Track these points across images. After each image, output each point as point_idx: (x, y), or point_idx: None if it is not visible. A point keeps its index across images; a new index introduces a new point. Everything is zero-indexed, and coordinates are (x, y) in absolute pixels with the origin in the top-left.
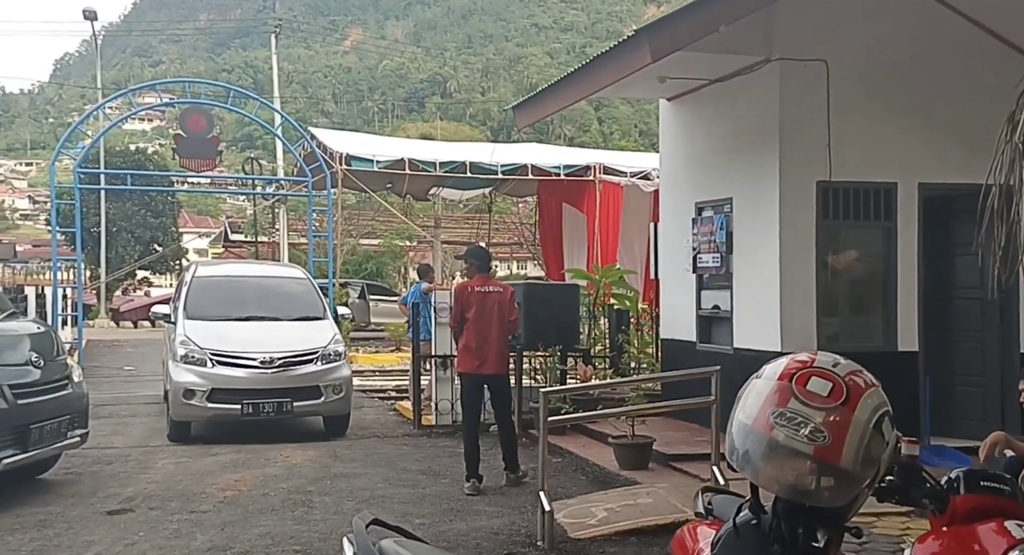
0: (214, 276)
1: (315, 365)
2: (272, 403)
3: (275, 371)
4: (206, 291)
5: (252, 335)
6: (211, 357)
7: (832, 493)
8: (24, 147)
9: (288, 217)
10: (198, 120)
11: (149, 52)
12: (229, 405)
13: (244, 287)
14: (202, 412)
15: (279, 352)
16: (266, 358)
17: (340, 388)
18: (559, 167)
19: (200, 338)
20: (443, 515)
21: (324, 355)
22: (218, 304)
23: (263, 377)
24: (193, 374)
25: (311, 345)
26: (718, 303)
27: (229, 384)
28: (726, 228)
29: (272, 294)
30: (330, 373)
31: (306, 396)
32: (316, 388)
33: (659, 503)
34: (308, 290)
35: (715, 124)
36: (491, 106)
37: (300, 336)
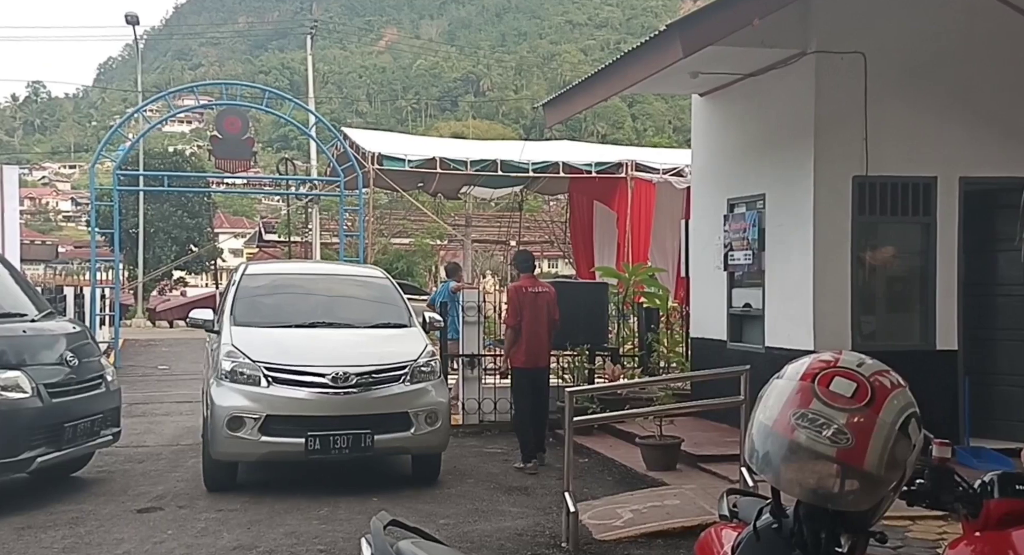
0: (269, 273)
1: (403, 385)
2: (346, 436)
3: (352, 391)
4: (259, 292)
5: (319, 345)
6: (266, 373)
7: (856, 497)
8: (68, 150)
9: (321, 217)
10: (233, 122)
11: (189, 55)
12: (289, 439)
13: (306, 287)
14: (254, 448)
15: (357, 366)
16: (340, 374)
17: (435, 416)
18: (591, 165)
19: (252, 349)
20: (467, 515)
21: (415, 372)
22: (274, 308)
23: (336, 400)
24: (242, 396)
25: (398, 358)
26: (750, 301)
27: (290, 409)
28: (759, 225)
29: (342, 296)
30: (422, 396)
31: (391, 426)
32: (404, 416)
33: (686, 505)
34: (388, 292)
35: (748, 119)
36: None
37: (382, 347)
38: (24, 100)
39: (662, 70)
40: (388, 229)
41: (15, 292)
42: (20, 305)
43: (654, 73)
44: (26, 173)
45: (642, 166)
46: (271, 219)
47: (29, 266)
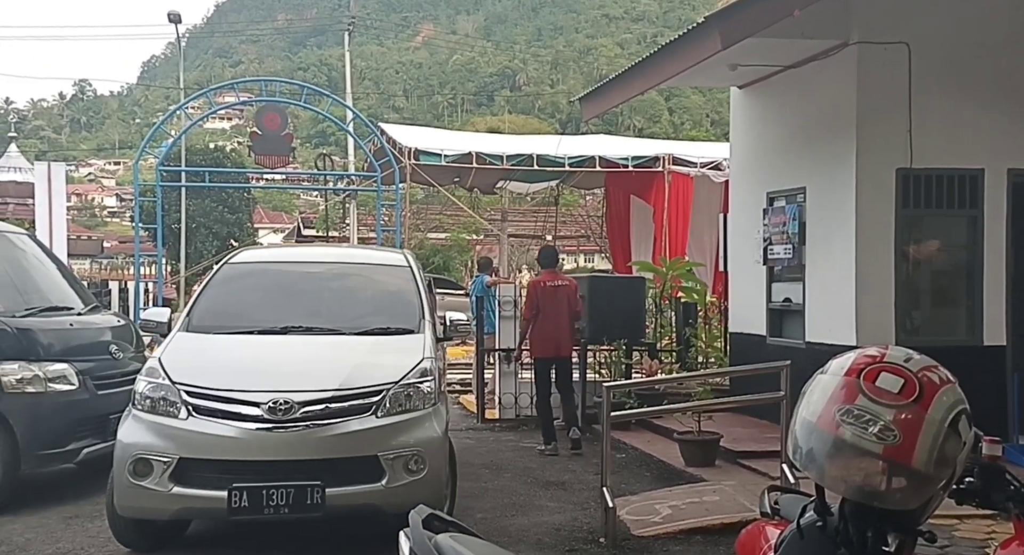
0: (259, 262)
1: (374, 417)
2: (286, 489)
3: (295, 427)
4: (236, 287)
5: (270, 361)
6: (186, 399)
7: (903, 495)
8: (113, 147)
9: (358, 212)
10: (273, 118)
11: (229, 53)
12: (208, 491)
13: (299, 280)
14: (163, 502)
15: (307, 392)
16: (279, 403)
17: (420, 461)
18: (627, 159)
19: (179, 365)
20: (505, 510)
21: (395, 399)
22: (247, 308)
23: (272, 439)
24: (153, 431)
25: (372, 380)
26: (790, 295)
27: (210, 450)
28: (799, 218)
29: (341, 291)
30: (402, 432)
31: (353, 476)
32: (373, 461)
33: (726, 501)
34: (403, 285)
35: (788, 111)
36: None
37: (359, 363)
38: (71, 98)
39: (700, 63)
40: (424, 224)
41: (62, 286)
42: (67, 299)
43: (692, 66)
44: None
45: (679, 160)
46: (309, 214)
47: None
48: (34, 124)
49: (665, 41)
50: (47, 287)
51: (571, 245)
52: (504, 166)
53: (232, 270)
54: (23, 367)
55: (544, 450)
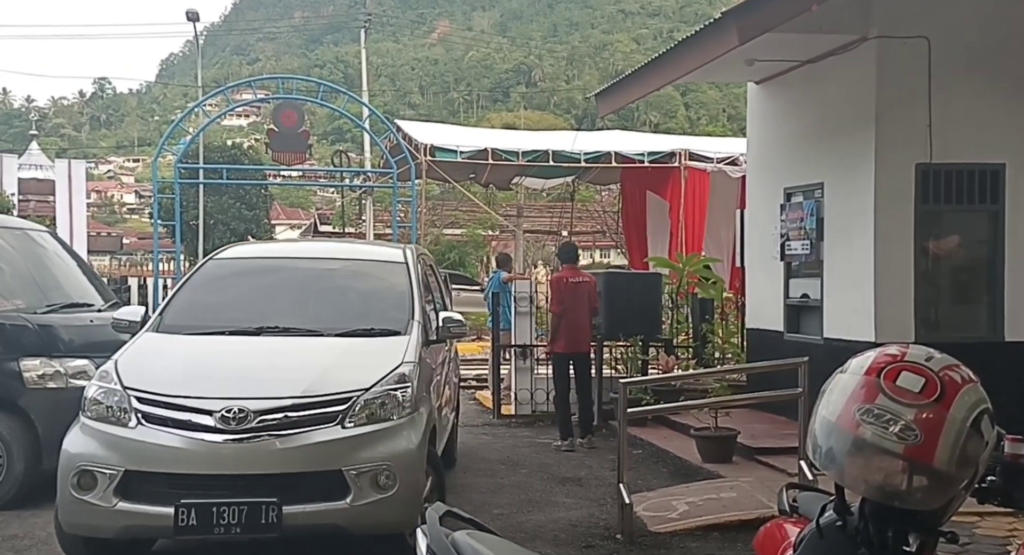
0: (246, 258)
1: (339, 428)
2: (238, 506)
3: (250, 438)
4: (217, 285)
5: (232, 364)
6: (136, 406)
7: (925, 495)
8: (132, 144)
9: (374, 208)
10: (290, 115)
11: (247, 50)
12: (153, 507)
13: (285, 278)
14: (107, 519)
15: (265, 399)
16: (233, 411)
17: (390, 477)
18: (643, 154)
19: (133, 369)
20: (521, 506)
21: (366, 406)
22: (224, 307)
23: (223, 451)
24: (99, 441)
25: (340, 386)
26: (807, 291)
27: (157, 462)
28: (817, 214)
29: (328, 289)
30: (371, 445)
31: (313, 493)
32: (337, 477)
33: (743, 498)
34: (395, 284)
35: (806, 106)
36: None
37: (330, 367)
38: (91, 96)
39: (717, 58)
40: (440, 220)
41: (83, 282)
42: (87, 295)
43: (709, 61)
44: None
45: (696, 155)
46: (326, 211)
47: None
48: (55, 122)
49: (681, 37)
50: (68, 283)
51: (587, 241)
52: (520, 162)
53: (216, 266)
54: (44, 363)
55: (560, 446)
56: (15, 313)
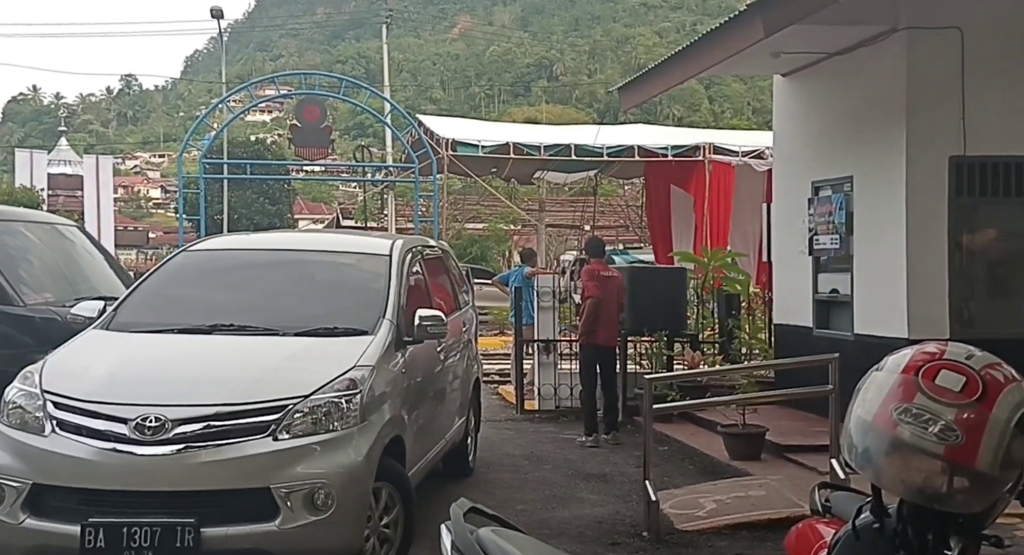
0: (219, 250)
1: (269, 440)
2: (151, 527)
3: (166, 450)
4: (182, 278)
5: (167, 366)
6: (52, 412)
7: (966, 497)
8: (158, 140)
9: (396, 203)
10: (312, 110)
11: (270, 47)
12: (61, 525)
13: (254, 271)
14: (14, 537)
15: (187, 406)
16: (148, 419)
17: (327, 497)
18: (667, 148)
19: (58, 370)
20: (546, 502)
21: (304, 415)
22: (182, 303)
23: (138, 464)
24: (9, 450)
25: (277, 392)
26: (837, 287)
27: (67, 476)
28: (846, 208)
29: (299, 285)
30: (307, 458)
31: (238, 513)
32: (264, 495)
33: (772, 496)
34: (373, 279)
35: (835, 99)
36: (597, 88)
37: (272, 370)
38: (118, 93)
39: (742, 51)
40: (462, 214)
41: (110, 277)
42: (115, 289)
43: (734, 54)
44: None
45: (720, 149)
46: (348, 205)
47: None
48: (83, 118)
49: (705, 29)
50: (95, 277)
51: (610, 235)
52: (542, 156)
53: (187, 258)
54: None
55: (584, 442)
56: (44, 306)
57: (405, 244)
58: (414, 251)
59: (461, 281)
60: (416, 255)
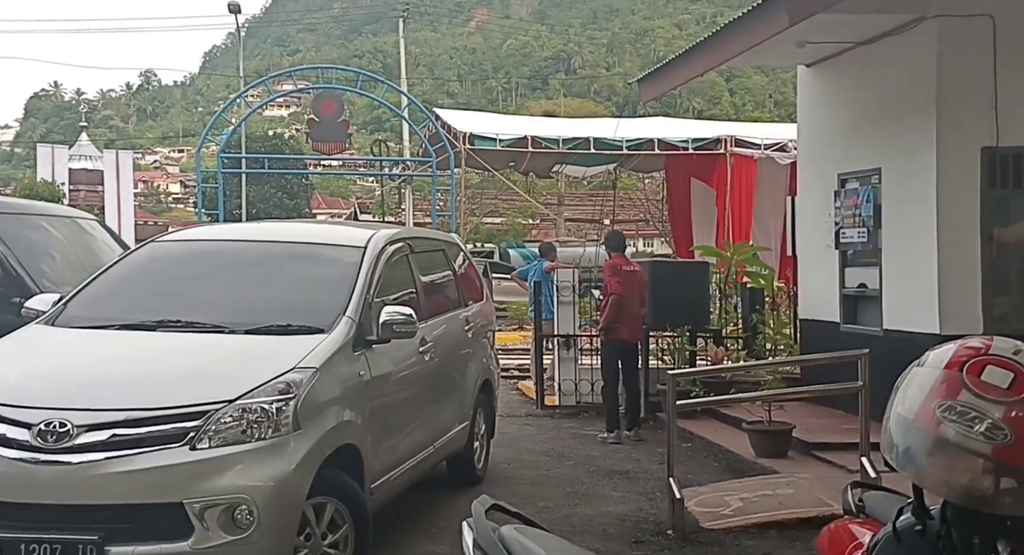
0: (186, 240)
1: (186, 449)
2: (50, 544)
3: (69, 460)
4: (141, 270)
5: (88, 366)
6: None
7: (1015, 499)
8: (177, 135)
9: (413, 197)
10: (329, 104)
11: (287, 41)
12: None
13: (218, 264)
14: None
15: (96, 411)
16: (52, 425)
17: (248, 512)
18: (687, 141)
19: None
20: (567, 499)
21: (227, 422)
22: (137, 296)
23: (35, 474)
24: None
25: (199, 396)
26: (864, 281)
27: None
28: (873, 201)
29: (260, 278)
30: (227, 470)
31: (147, 530)
32: (176, 511)
33: (801, 495)
34: (341, 273)
35: (861, 90)
36: (616, 81)
37: (199, 372)
38: (137, 88)
39: (766, 41)
40: (480, 209)
41: None
42: None
43: (757, 44)
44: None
45: (742, 142)
46: (366, 200)
47: None
48: (103, 114)
49: (726, 21)
50: None
51: (630, 229)
52: (560, 150)
53: (153, 250)
54: None
55: (606, 438)
56: None
57: (386, 236)
58: (399, 244)
59: (470, 277)
60: (401, 248)
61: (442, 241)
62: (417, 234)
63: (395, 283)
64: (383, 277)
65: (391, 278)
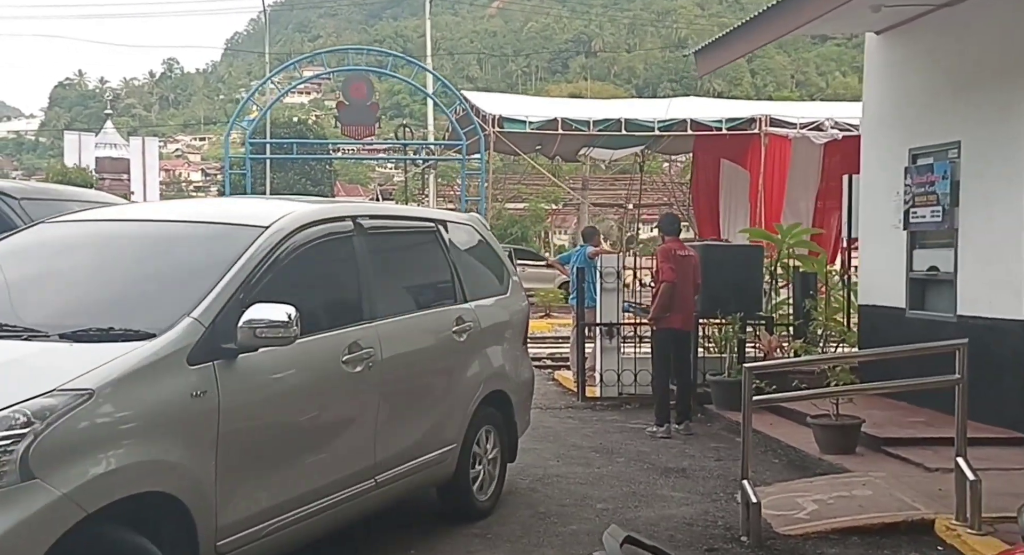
0: (69, 223)
1: None
2: None
3: None
4: (5, 259)
5: None
6: None
7: None
8: (199, 123)
9: (437, 183)
10: (359, 87)
11: (308, 27)
12: None
13: (81, 253)
14: None
15: None
16: None
17: None
18: (720, 121)
19: None
20: (626, 500)
21: None
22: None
23: None
24: None
25: None
26: (936, 263)
27: None
28: (950, 177)
29: (117, 270)
30: None
31: None
32: None
33: (881, 496)
34: (213, 262)
35: (939, 57)
36: (636, 63)
37: None
38: (160, 76)
39: (842, 6)
40: (502, 194)
41: None
42: None
43: (832, 9)
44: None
45: (777, 121)
46: (387, 187)
47: None
48: (126, 102)
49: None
50: None
51: (652, 214)
52: (591, 131)
53: (31, 234)
54: None
55: (656, 432)
56: None
57: (309, 215)
58: (332, 225)
59: (481, 266)
60: (334, 231)
61: (429, 220)
62: (380, 211)
63: (316, 275)
64: (288, 268)
65: (308, 269)
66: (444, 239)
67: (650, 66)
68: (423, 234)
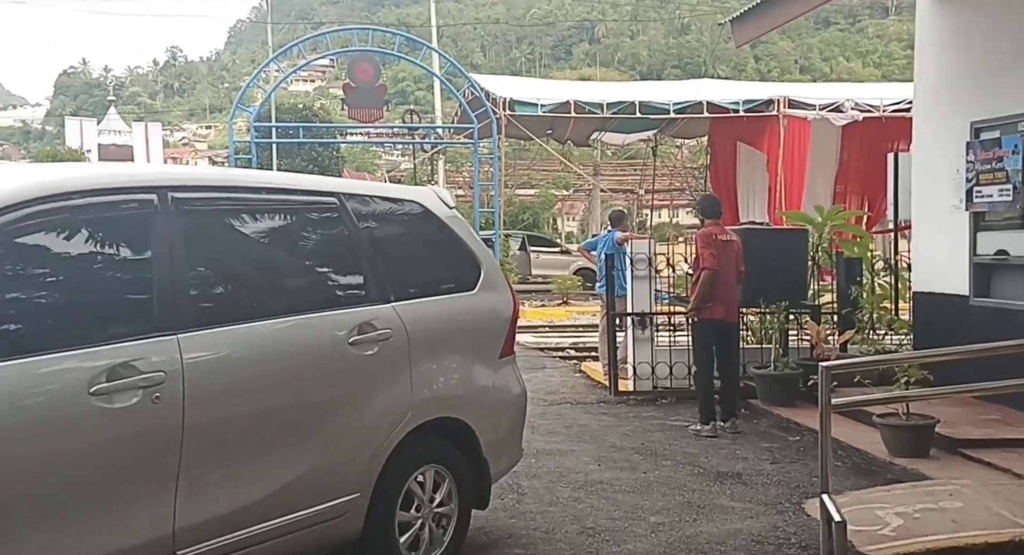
0: None
1: None
2: None
3: None
4: None
5: None
6: None
7: None
8: (204, 111)
9: (446, 169)
10: (366, 69)
11: (310, 15)
12: None
13: None
14: None
15: None
16: None
17: None
18: (737, 103)
19: None
20: (681, 511)
21: None
22: None
23: None
24: None
25: None
26: (1004, 247)
27: None
28: (1021, 152)
29: None
30: None
31: None
32: None
33: (974, 509)
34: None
35: (1005, 20)
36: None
37: None
38: (164, 65)
39: None
40: (513, 180)
41: None
42: None
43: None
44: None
45: (795, 103)
46: (394, 173)
47: None
48: (131, 91)
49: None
50: None
51: (664, 199)
52: (604, 114)
53: None
54: None
55: (700, 431)
56: None
57: (56, 184)
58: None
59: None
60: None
61: (324, 194)
62: (215, 181)
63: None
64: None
65: (43, 263)
66: (351, 220)
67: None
68: (309, 212)
